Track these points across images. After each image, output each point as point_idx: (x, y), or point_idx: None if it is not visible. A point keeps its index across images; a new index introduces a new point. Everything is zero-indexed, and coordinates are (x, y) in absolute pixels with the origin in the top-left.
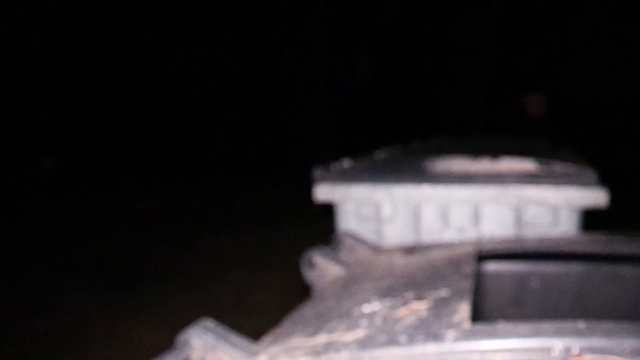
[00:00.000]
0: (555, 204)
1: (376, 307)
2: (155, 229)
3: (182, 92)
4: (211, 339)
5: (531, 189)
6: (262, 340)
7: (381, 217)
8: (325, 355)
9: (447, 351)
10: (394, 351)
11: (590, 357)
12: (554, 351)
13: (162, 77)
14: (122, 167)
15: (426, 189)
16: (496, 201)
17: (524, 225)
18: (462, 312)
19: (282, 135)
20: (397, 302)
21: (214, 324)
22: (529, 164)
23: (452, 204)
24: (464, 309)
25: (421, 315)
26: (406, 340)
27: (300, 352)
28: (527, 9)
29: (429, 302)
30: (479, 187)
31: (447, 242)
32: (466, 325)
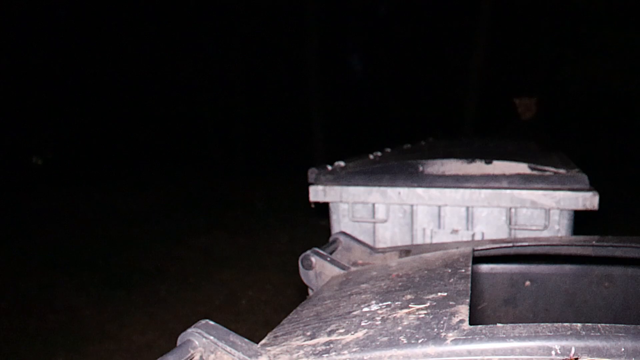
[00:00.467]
0: (547, 207)
1: (375, 308)
2: (148, 227)
3: (177, 92)
4: (212, 339)
5: (523, 191)
6: (263, 340)
7: (376, 218)
8: (326, 355)
9: (447, 352)
10: (395, 352)
11: (587, 359)
12: (553, 352)
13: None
14: (117, 165)
15: (420, 191)
16: (489, 203)
17: (517, 227)
18: (461, 314)
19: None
20: (396, 303)
21: (214, 324)
22: (522, 167)
23: (446, 205)
24: (463, 311)
25: (420, 316)
26: (406, 341)
27: (301, 352)
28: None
29: (428, 304)
30: (472, 190)
31: (441, 243)
32: (465, 326)
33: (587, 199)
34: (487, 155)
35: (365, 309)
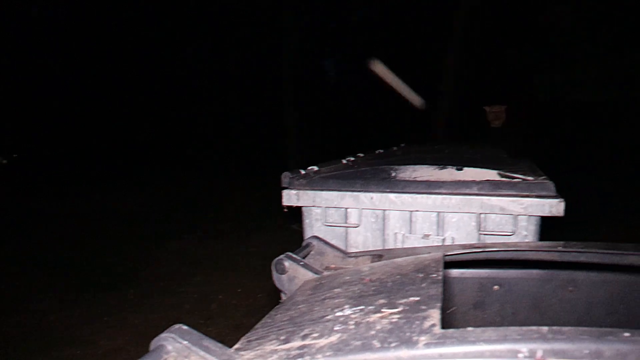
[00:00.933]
0: (515, 213)
1: (349, 312)
2: (122, 230)
3: (150, 101)
4: (186, 344)
5: (493, 198)
6: (237, 345)
7: (348, 222)
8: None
9: (419, 356)
10: (368, 356)
11: None
12: (520, 355)
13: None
14: (96, 166)
15: (392, 197)
16: (459, 209)
17: (486, 232)
18: (433, 318)
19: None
20: (369, 307)
21: (187, 328)
22: (491, 174)
23: (417, 211)
24: (435, 315)
25: (393, 320)
26: (379, 345)
27: (275, 357)
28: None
29: (401, 308)
30: (444, 196)
31: (412, 248)
32: (437, 330)
33: (554, 206)
34: (458, 162)
35: (338, 314)
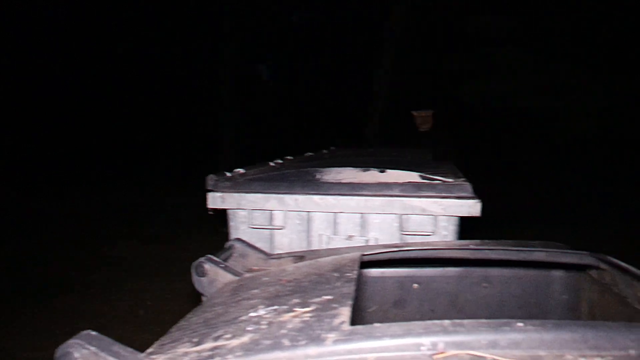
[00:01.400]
0: (435, 214)
1: (262, 312)
2: (60, 235)
3: (88, 98)
4: (94, 350)
5: (414, 199)
6: (149, 349)
7: (273, 225)
8: None
9: (327, 352)
10: (277, 355)
11: (453, 352)
12: (423, 348)
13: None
14: (31, 170)
15: (317, 198)
16: (382, 210)
17: (408, 232)
18: (343, 315)
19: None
20: (283, 307)
21: (96, 334)
22: (413, 176)
23: (342, 212)
24: (345, 313)
25: (305, 319)
26: (289, 344)
27: (186, 359)
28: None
29: (313, 307)
30: (367, 197)
31: (335, 248)
32: (345, 327)
33: (471, 206)
34: (383, 164)
35: (252, 314)
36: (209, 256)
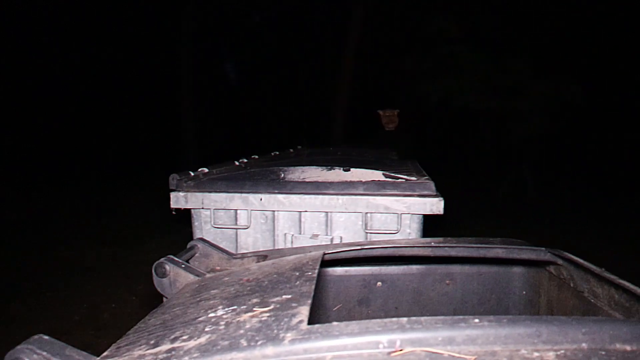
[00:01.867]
0: (399, 212)
1: (221, 313)
2: (14, 238)
3: (43, 97)
4: (45, 355)
5: (378, 197)
6: (105, 352)
7: (238, 224)
8: None
9: (284, 352)
10: (235, 355)
11: (410, 349)
12: (380, 346)
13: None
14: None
15: (281, 197)
16: (346, 209)
17: (372, 230)
18: (301, 315)
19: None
20: (242, 307)
21: (48, 339)
22: (377, 174)
23: (306, 211)
24: (304, 312)
25: (263, 319)
26: (246, 344)
27: None
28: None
29: (272, 306)
30: (331, 196)
31: (298, 247)
32: (303, 326)
33: (434, 204)
34: (347, 163)
35: (211, 315)
36: (170, 257)
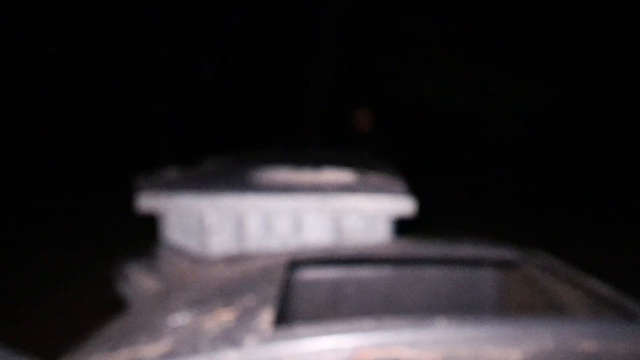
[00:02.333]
0: (369, 213)
1: (184, 318)
2: None
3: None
4: None
5: (348, 199)
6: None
7: (205, 227)
8: None
9: (247, 356)
10: None
11: (376, 352)
12: (345, 348)
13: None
14: None
15: (250, 199)
16: (316, 210)
17: (343, 232)
18: (266, 318)
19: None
20: (206, 312)
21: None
22: (348, 175)
23: (275, 213)
24: (268, 315)
25: (227, 323)
26: (208, 349)
27: None
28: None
29: (236, 310)
30: (300, 197)
31: (268, 251)
32: (268, 330)
33: (406, 206)
34: (319, 163)
35: (173, 320)
36: (134, 261)
